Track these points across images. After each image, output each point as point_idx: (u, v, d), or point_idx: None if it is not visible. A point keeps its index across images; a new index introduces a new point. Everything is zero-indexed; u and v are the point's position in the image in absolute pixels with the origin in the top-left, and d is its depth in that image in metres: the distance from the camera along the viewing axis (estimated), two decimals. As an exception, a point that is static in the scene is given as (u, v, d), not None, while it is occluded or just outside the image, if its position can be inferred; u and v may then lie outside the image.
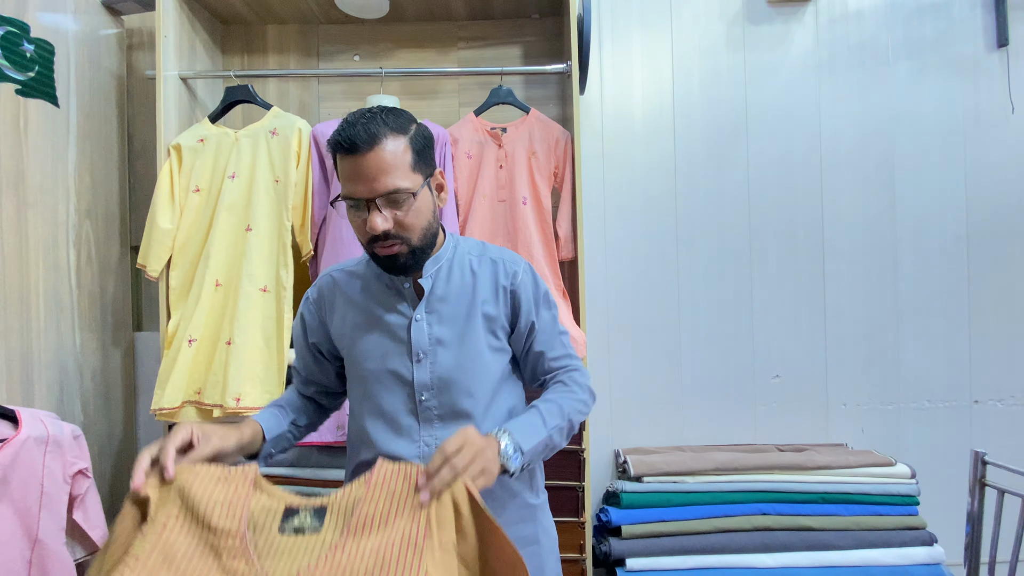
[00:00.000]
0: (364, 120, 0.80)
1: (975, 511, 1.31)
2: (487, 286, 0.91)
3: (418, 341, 0.88)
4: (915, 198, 1.88)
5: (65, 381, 1.52)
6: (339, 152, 0.81)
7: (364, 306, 0.91)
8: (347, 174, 0.81)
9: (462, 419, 0.88)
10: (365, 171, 0.80)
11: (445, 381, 0.88)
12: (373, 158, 0.79)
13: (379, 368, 0.89)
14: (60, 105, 1.52)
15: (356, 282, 0.94)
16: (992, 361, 1.87)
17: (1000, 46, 1.87)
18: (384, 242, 0.82)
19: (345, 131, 0.80)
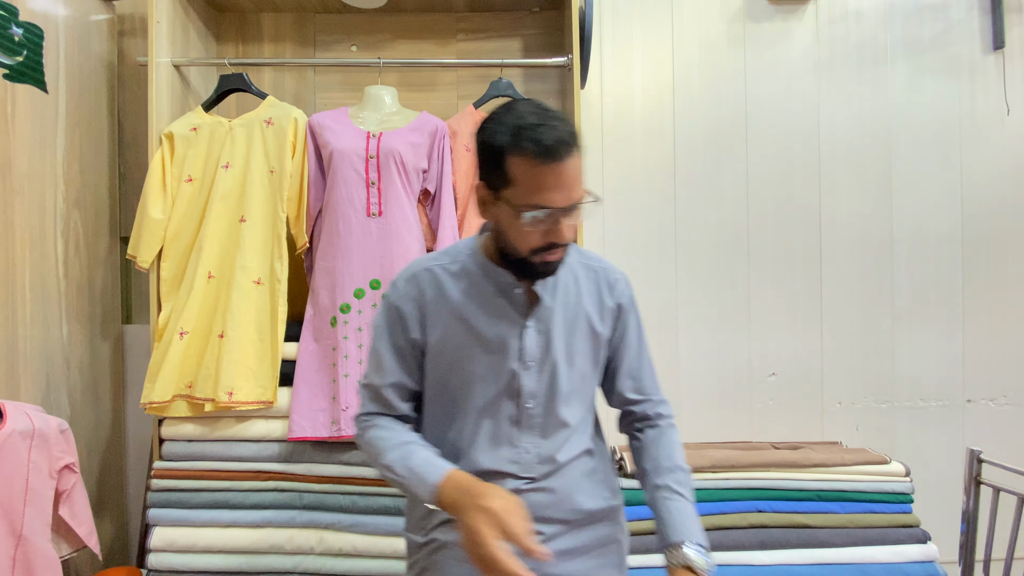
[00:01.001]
0: (557, 123, 0.74)
1: (970, 509, 1.31)
2: (591, 296, 0.90)
3: (530, 348, 0.86)
4: (911, 198, 1.89)
5: (51, 374, 1.49)
6: (534, 156, 0.73)
7: (473, 308, 0.85)
8: (542, 183, 0.74)
9: (560, 428, 0.88)
10: (566, 179, 0.74)
11: (552, 389, 0.87)
12: (573, 165, 0.75)
13: (486, 373, 0.85)
14: (49, 91, 1.49)
15: (461, 281, 0.87)
16: (985, 361, 1.88)
17: (996, 48, 1.88)
18: (556, 250, 0.79)
19: (543, 132, 0.72)
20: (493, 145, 0.76)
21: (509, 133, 0.74)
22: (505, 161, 0.75)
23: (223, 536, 1.40)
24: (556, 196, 0.75)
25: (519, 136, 0.73)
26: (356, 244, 1.46)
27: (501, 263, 0.85)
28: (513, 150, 0.74)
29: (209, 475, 1.42)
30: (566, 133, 0.74)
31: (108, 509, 1.67)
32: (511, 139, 0.74)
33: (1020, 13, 1.89)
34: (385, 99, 1.59)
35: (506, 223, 0.80)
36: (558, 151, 0.73)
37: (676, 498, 0.86)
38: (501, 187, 0.77)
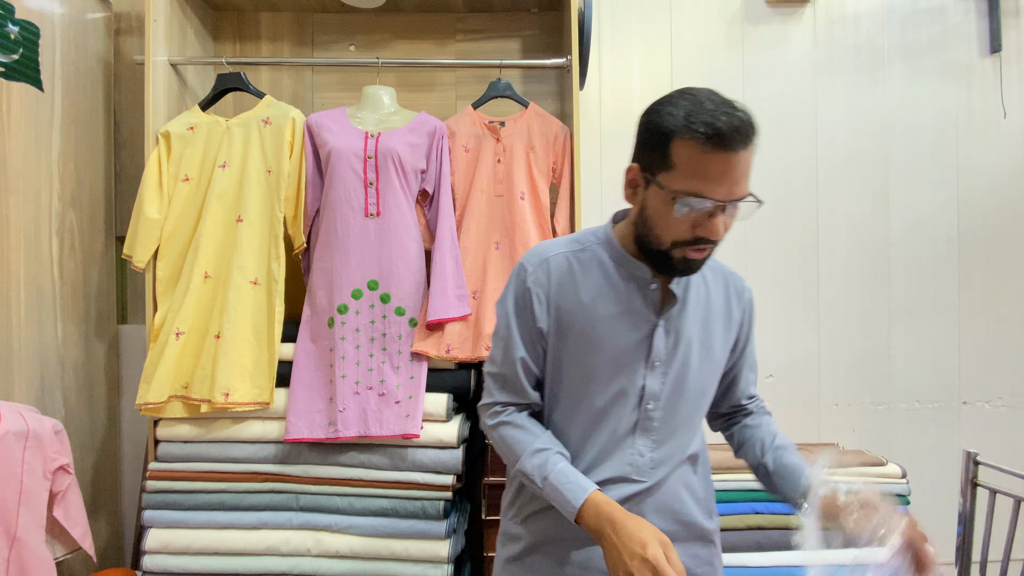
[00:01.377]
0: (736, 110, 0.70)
1: (967, 511, 1.32)
2: (720, 301, 0.88)
3: (658, 348, 0.82)
4: (908, 200, 1.89)
5: (46, 374, 1.48)
6: (706, 141, 0.68)
7: (602, 300, 0.82)
8: (708, 172, 0.70)
9: (676, 434, 0.85)
10: (732, 171, 0.70)
11: (675, 393, 0.84)
12: (745, 158, 0.71)
13: (609, 369, 0.82)
14: (45, 89, 1.48)
15: (592, 271, 0.83)
16: (980, 363, 1.89)
17: (993, 52, 1.89)
18: (703, 246, 0.75)
19: (720, 116, 0.68)
20: (660, 125, 0.72)
21: (682, 115, 0.70)
22: (671, 143, 0.71)
23: (219, 538, 1.40)
24: (718, 188, 0.70)
25: (692, 118, 0.69)
26: (354, 244, 1.46)
27: (637, 254, 0.82)
28: (682, 132, 0.70)
29: (205, 476, 1.42)
30: (743, 123, 0.69)
31: (103, 511, 1.66)
32: (683, 121, 0.70)
33: (1017, 17, 1.90)
34: (383, 99, 1.59)
35: (654, 210, 0.76)
36: (731, 139, 0.68)
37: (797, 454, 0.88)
38: (659, 170, 0.73)
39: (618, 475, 0.83)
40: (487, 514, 1.47)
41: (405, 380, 1.45)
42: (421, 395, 1.44)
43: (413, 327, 1.49)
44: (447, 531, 1.39)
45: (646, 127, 0.76)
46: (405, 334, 1.48)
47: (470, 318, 1.51)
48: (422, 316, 1.49)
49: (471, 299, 1.52)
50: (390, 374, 1.45)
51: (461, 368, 1.52)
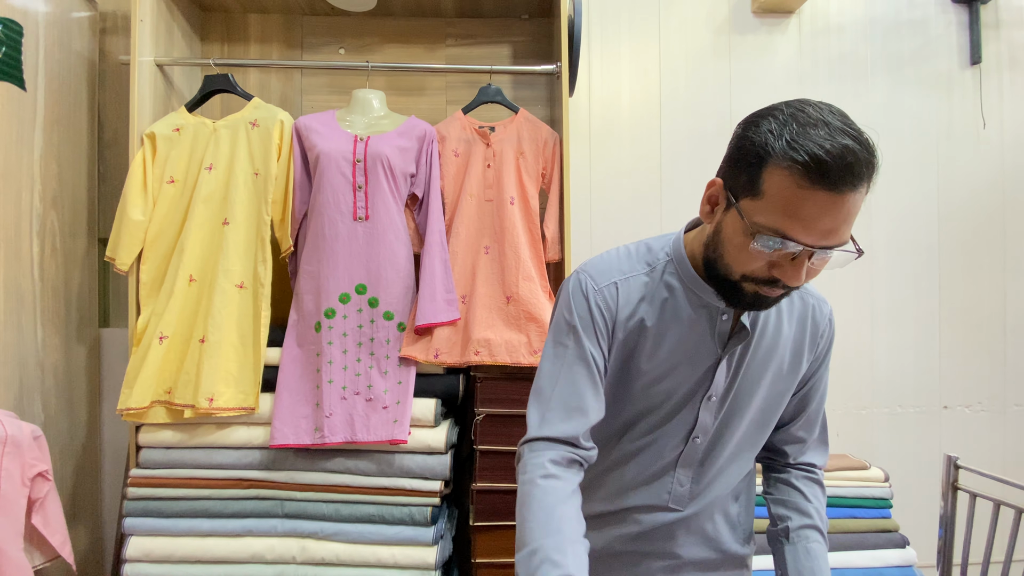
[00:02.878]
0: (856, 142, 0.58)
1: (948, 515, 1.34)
2: (794, 333, 0.79)
3: (718, 383, 0.76)
4: (890, 208, 1.93)
5: (25, 378, 1.45)
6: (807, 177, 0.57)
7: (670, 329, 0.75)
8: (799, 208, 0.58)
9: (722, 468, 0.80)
10: (833, 215, 0.58)
11: (725, 427, 0.78)
12: (853, 200, 0.59)
13: (665, 399, 0.76)
14: (27, 89, 1.45)
15: (663, 296, 0.75)
16: (960, 368, 1.93)
17: (973, 63, 1.93)
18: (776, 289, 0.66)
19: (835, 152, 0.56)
20: (756, 144, 0.61)
21: (786, 136, 0.59)
22: (764, 168, 0.60)
23: (202, 546, 1.38)
24: (810, 231, 0.59)
25: (796, 143, 0.58)
26: (342, 248, 1.45)
27: (707, 276, 0.73)
28: (780, 158, 0.59)
29: (188, 483, 1.40)
30: (859, 159, 0.57)
31: (82, 518, 1.62)
32: (785, 144, 0.59)
33: (997, 29, 1.95)
34: (373, 103, 1.58)
35: (730, 237, 0.66)
36: (838, 177, 0.57)
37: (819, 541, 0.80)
38: (744, 195, 0.63)
39: (654, 503, 0.80)
40: (475, 520, 1.47)
41: (393, 385, 1.45)
42: (409, 400, 1.43)
43: (401, 332, 1.48)
44: (434, 537, 1.38)
45: (739, 142, 0.65)
46: (393, 339, 1.47)
47: (459, 323, 1.51)
48: (410, 320, 1.48)
49: (460, 303, 1.52)
50: (378, 379, 1.44)
51: (449, 373, 1.52)
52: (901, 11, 1.94)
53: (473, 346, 1.48)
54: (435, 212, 1.53)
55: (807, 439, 0.87)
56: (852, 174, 0.57)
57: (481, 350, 1.48)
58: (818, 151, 0.57)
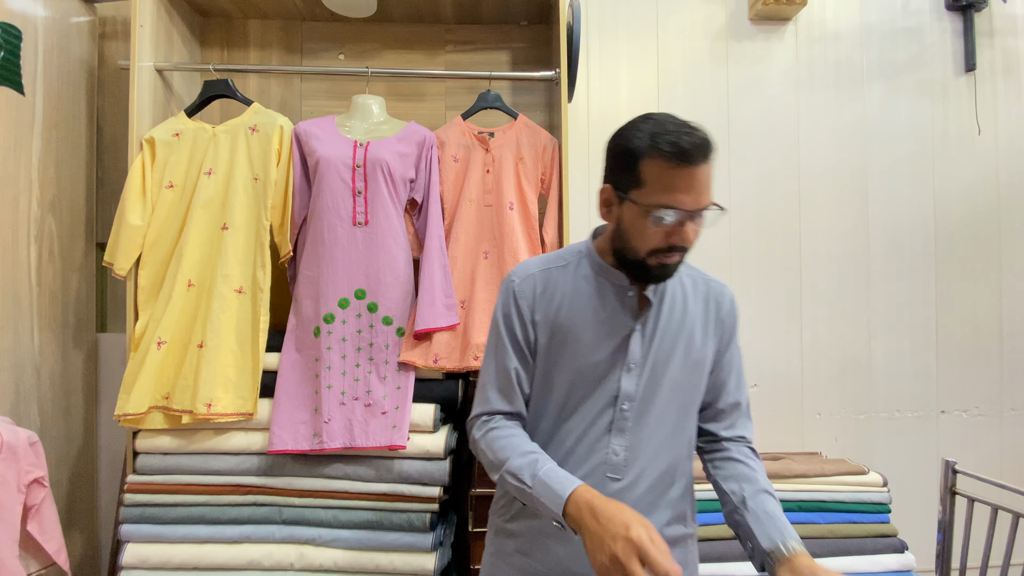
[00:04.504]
0: (694, 130, 0.79)
1: (946, 519, 1.34)
2: (698, 309, 0.92)
3: (633, 351, 0.88)
4: (887, 213, 1.94)
5: (21, 384, 1.44)
6: (670, 158, 0.77)
7: (582, 308, 0.88)
8: (673, 184, 0.78)
9: (652, 435, 0.88)
10: (696, 183, 0.78)
11: (649, 394, 0.88)
12: (705, 171, 0.79)
13: (591, 372, 0.88)
14: (26, 93, 1.45)
15: (574, 281, 0.90)
16: (958, 373, 1.93)
17: (968, 71, 1.95)
18: (675, 254, 0.82)
19: (681, 136, 0.77)
20: (629, 147, 0.80)
21: (648, 137, 0.79)
22: (639, 163, 0.79)
23: (199, 552, 1.37)
24: (685, 198, 0.78)
25: (657, 140, 0.78)
26: (341, 253, 1.45)
27: (616, 265, 0.88)
28: (649, 152, 0.78)
29: (185, 489, 1.39)
30: (702, 140, 0.78)
31: (78, 524, 1.61)
32: (649, 142, 0.78)
33: (991, 37, 1.97)
34: (373, 108, 1.59)
35: (630, 223, 0.83)
36: (693, 155, 0.77)
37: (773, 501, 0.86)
38: (631, 188, 0.81)
39: (594, 473, 0.87)
40: (474, 526, 1.46)
41: (392, 390, 1.44)
42: (408, 406, 1.43)
43: (400, 337, 1.48)
44: (433, 544, 1.38)
45: (614, 151, 0.84)
46: (392, 344, 1.47)
47: (458, 328, 1.51)
48: (410, 326, 1.48)
49: (459, 308, 1.52)
50: (376, 384, 1.44)
51: (449, 378, 1.51)
52: (896, 19, 1.96)
53: (472, 351, 1.48)
54: (434, 217, 1.53)
55: (733, 414, 0.96)
56: (700, 151, 0.77)
57: (480, 355, 1.48)
58: (674, 139, 0.77)
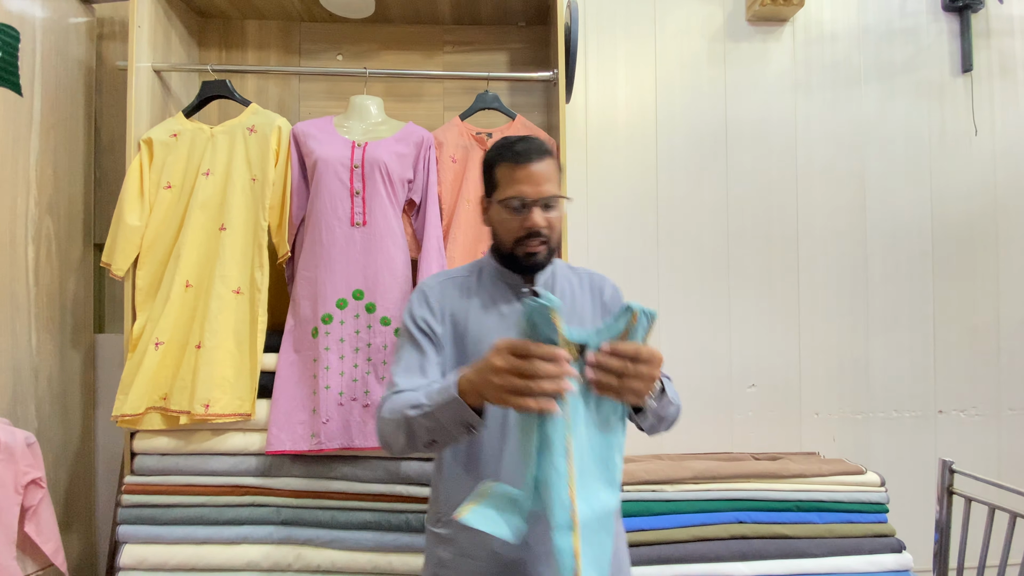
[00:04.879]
0: (530, 139, 0.99)
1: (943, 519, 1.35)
2: (585, 299, 1.05)
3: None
4: (884, 214, 1.94)
5: (19, 384, 1.44)
6: (510, 160, 0.97)
7: (487, 308, 1.00)
8: (516, 178, 0.96)
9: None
10: (535, 177, 0.96)
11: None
12: (542, 167, 0.97)
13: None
14: (24, 94, 1.45)
15: (477, 287, 1.03)
16: (955, 373, 1.94)
17: (965, 71, 1.96)
18: (533, 240, 0.96)
19: (517, 144, 0.97)
20: (487, 161, 1.02)
21: (496, 149, 1.00)
22: (494, 170, 1.00)
23: (197, 553, 1.36)
24: (527, 189, 0.96)
25: (502, 149, 0.99)
26: (339, 254, 1.45)
27: (504, 265, 1.02)
28: (498, 159, 0.99)
29: (183, 490, 1.39)
30: (536, 145, 0.98)
31: (76, 525, 1.61)
32: (497, 153, 1.00)
33: (988, 38, 1.98)
34: (371, 109, 1.59)
35: (497, 221, 1.00)
36: (528, 155, 0.96)
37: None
38: (492, 192, 1.00)
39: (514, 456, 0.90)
40: (472, 526, 1.46)
41: (390, 391, 1.44)
42: (406, 406, 1.43)
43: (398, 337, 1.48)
44: (431, 544, 1.38)
45: (482, 170, 1.03)
46: (390, 344, 1.47)
47: (456, 328, 1.51)
48: (408, 326, 1.48)
49: (457, 309, 1.52)
50: (375, 385, 1.44)
51: (447, 378, 1.51)
52: (893, 20, 1.96)
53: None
54: (432, 218, 1.53)
55: None
56: (535, 152, 0.97)
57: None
58: (511, 146, 0.98)
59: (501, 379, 0.71)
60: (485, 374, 0.74)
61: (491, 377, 0.72)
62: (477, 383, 0.76)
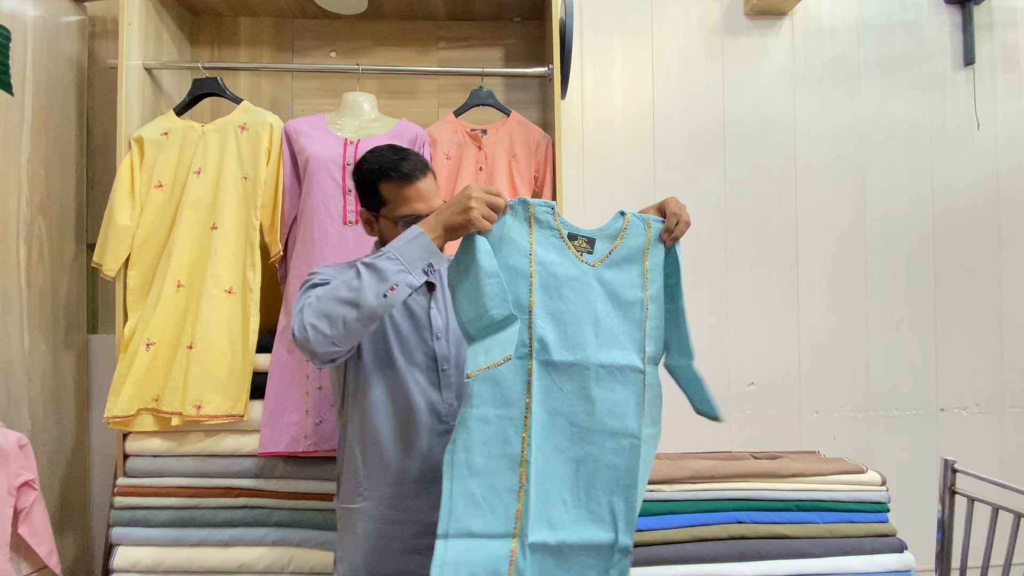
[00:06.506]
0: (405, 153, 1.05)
1: (945, 519, 1.33)
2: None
3: (436, 323, 1.09)
4: (884, 210, 1.92)
5: (11, 386, 1.43)
6: (398, 180, 1.03)
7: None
8: (406, 197, 1.03)
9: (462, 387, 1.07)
10: (425, 192, 1.04)
11: (458, 354, 1.09)
12: (428, 181, 1.05)
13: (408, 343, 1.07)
14: (15, 93, 1.44)
15: None
16: (957, 370, 1.92)
17: (967, 64, 1.93)
18: None
19: (400, 164, 1.03)
20: (367, 179, 1.06)
21: (377, 167, 1.05)
22: (378, 187, 1.05)
23: (190, 556, 1.36)
24: (420, 206, 1.04)
25: (384, 168, 1.04)
26: (332, 252, 1.43)
27: None
28: (381, 177, 1.04)
29: (176, 492, 1.38)
30: (419, 162, 1.05)
31: (71, 527, 1.60)
32: (379, 170, 1.04)
33: (990, 31, 1.95)
34: (364, 106, 1.57)
35: (387, 234, 1.07)
36: (415, 174, 1.04)
37: None
38: (379, 208, 1.06)
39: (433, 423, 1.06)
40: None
41: (384, 391, 1.43)
42: (400, 406, 1.41)
43: (393, 337, 1.46)
44: (426, 545, 1.37)
45: (358, 183, 1.08)
46: (384, 344, 1.46)
47: (451, 327, 1.49)
48: (402, 325, 1.47)
49: (452, 308, 1.51)
50: (369, 385, 1.42)
51: (442, 378, 1.50)
52: (894, 13, 1.94)
53: (465, 351, 1.47)
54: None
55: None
56: (417, 170, 1.05)
57: (473, 355, 1.46)
58: (394, 165, 1.04)
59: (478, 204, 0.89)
60: (461, 202, 0.90)
61: (469, 203, 0.89)
62: (445, 215, 0.91)
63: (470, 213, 0.88)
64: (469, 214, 0.88)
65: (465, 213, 0.89)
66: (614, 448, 0.95)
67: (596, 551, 0.93)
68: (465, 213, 0.89)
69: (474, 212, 0.88)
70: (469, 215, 0.88)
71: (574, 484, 0.93)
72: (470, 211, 0.88)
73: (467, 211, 0.89)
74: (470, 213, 0.88)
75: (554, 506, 0.91)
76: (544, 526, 0.90)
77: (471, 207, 0.89)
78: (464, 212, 0.89)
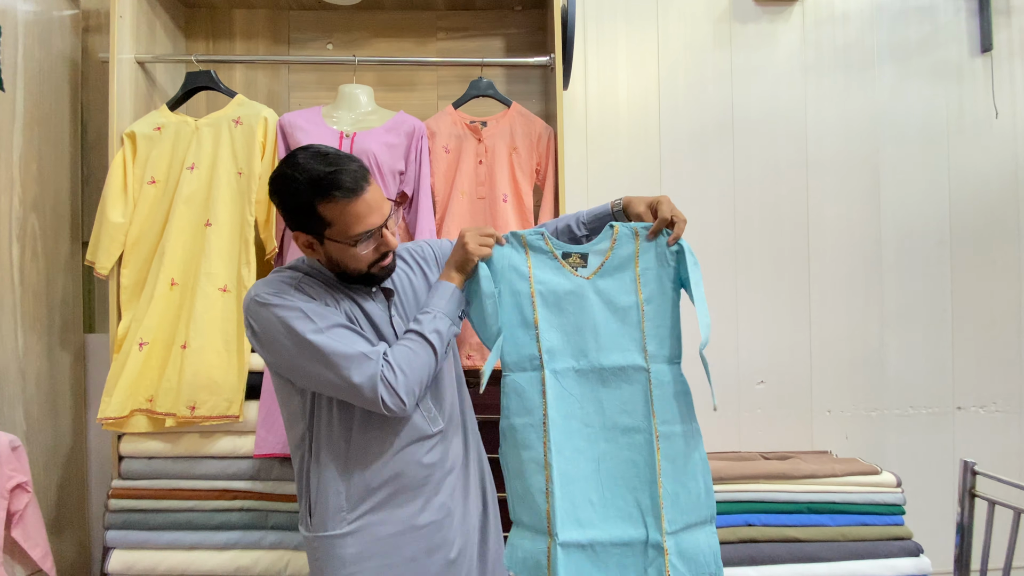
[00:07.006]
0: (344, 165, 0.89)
1: (965, 522, 1.28)
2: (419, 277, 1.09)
3: (399, 327, 1.03)
4: (899, 202, 1.86)
5: (5, 386, 1.41)
6: (342, 197, 0.88)
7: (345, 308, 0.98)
8: (357, 214, 0.89)
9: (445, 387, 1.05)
10: (373, 204, 0.91)
11: None
12: (373, 191, 0.92)
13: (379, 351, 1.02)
14: (6, 89, 1.41)
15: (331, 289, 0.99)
16: (974, 368, 1.86)
17: (984, 51, 1.87)
18: (388, 256, 0.97)
19: (339, 178, 0.88)
20: (296, 200, 0.90)
21: (313, 186, 0.88)
22: (316, 208, 0.89)
23: (186, 559, 1.33)
24: (374, 219, 0.92)
25: (322, 185, 0.88)
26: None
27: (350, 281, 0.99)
28: (320, 197, 0.88)
29: (171, 494, 1.36)
30: (357, 169, 0.90)
31: (69, 530, 1.58)
32: (315, 190, 0.88)
33: (1008, 16, 1.88)
34: (360, 98, 1.53)
35: (341, 255, 0.94)
36: (359, 186, 0.89)
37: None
38: (322, 229, 0.91)
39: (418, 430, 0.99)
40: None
41: (383, 390, 1.39)
42: (399, 406, 1.38)
43: (391, 335, 1.43)
44: (427, 548, 1.33)
45: (282, 205, 0.92)
46: (383, 342, 1.42)
47: (451, 325, 1.46)
48: (401, 323, 1.43)
49: (452, 305, 1.47)
50: (367, 384, 1.39)
51: (442, 377, 1.46)
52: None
53: (466, 350, 1.43)
54: (425, 210, 1.48)
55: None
56: (360, 180, 0.90)
57: (474, 354, 1.43)
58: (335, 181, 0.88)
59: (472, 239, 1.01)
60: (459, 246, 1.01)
61: (464, 241, 1.01)
62: (457, 259, 1.01)
63: (467, 248, 1.00)
64: (467, 248, 1.00)
65: (464, 249, 1.01)
66: (629, 444, 1.00)
67: (630, 549, 0.98)
68: (464, 249, 1.01)
69: (470, 245, 1.00)
70: (467, 249, 1.00)
71: (598, 483, 0.99)
72: (467, 246, 1.00)
73: (465, 247, 1.00)
74: (467, 248, 1.00)
75: (582, 506, 0.98)
76: (573, 525, 0.96)
77: (467, 243, 1.01)
78: (463, 248, 1.01)
